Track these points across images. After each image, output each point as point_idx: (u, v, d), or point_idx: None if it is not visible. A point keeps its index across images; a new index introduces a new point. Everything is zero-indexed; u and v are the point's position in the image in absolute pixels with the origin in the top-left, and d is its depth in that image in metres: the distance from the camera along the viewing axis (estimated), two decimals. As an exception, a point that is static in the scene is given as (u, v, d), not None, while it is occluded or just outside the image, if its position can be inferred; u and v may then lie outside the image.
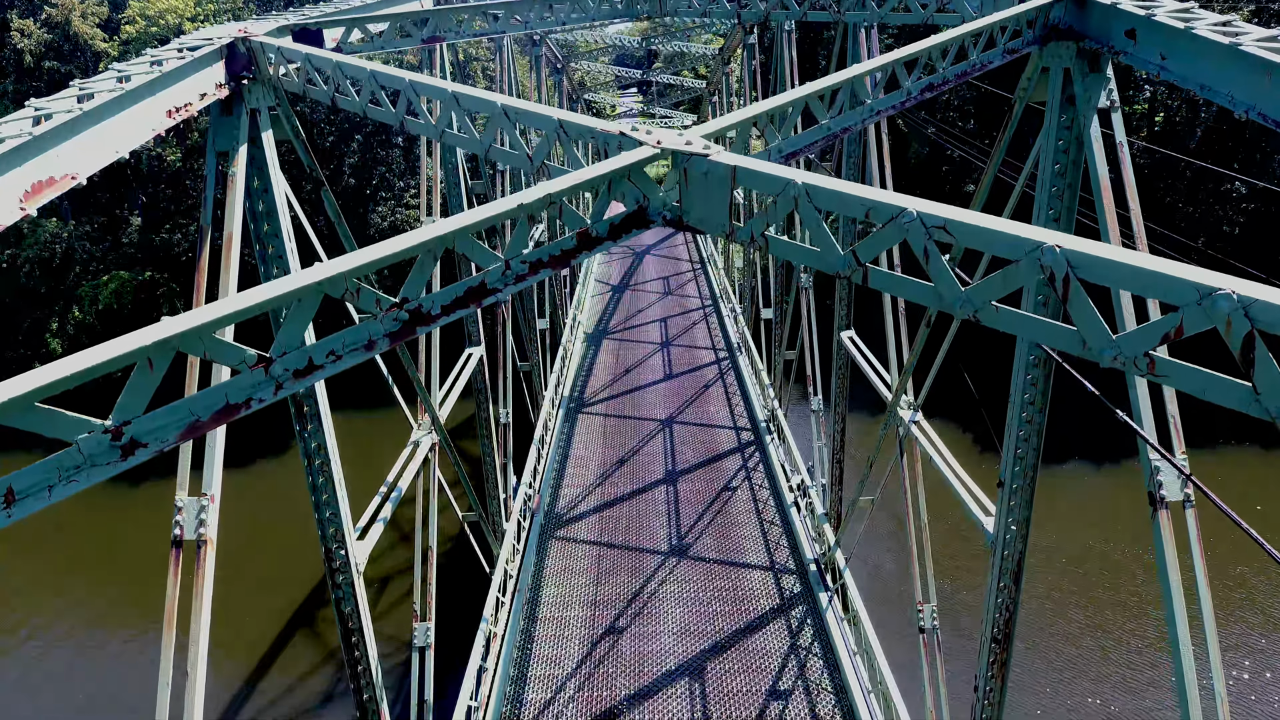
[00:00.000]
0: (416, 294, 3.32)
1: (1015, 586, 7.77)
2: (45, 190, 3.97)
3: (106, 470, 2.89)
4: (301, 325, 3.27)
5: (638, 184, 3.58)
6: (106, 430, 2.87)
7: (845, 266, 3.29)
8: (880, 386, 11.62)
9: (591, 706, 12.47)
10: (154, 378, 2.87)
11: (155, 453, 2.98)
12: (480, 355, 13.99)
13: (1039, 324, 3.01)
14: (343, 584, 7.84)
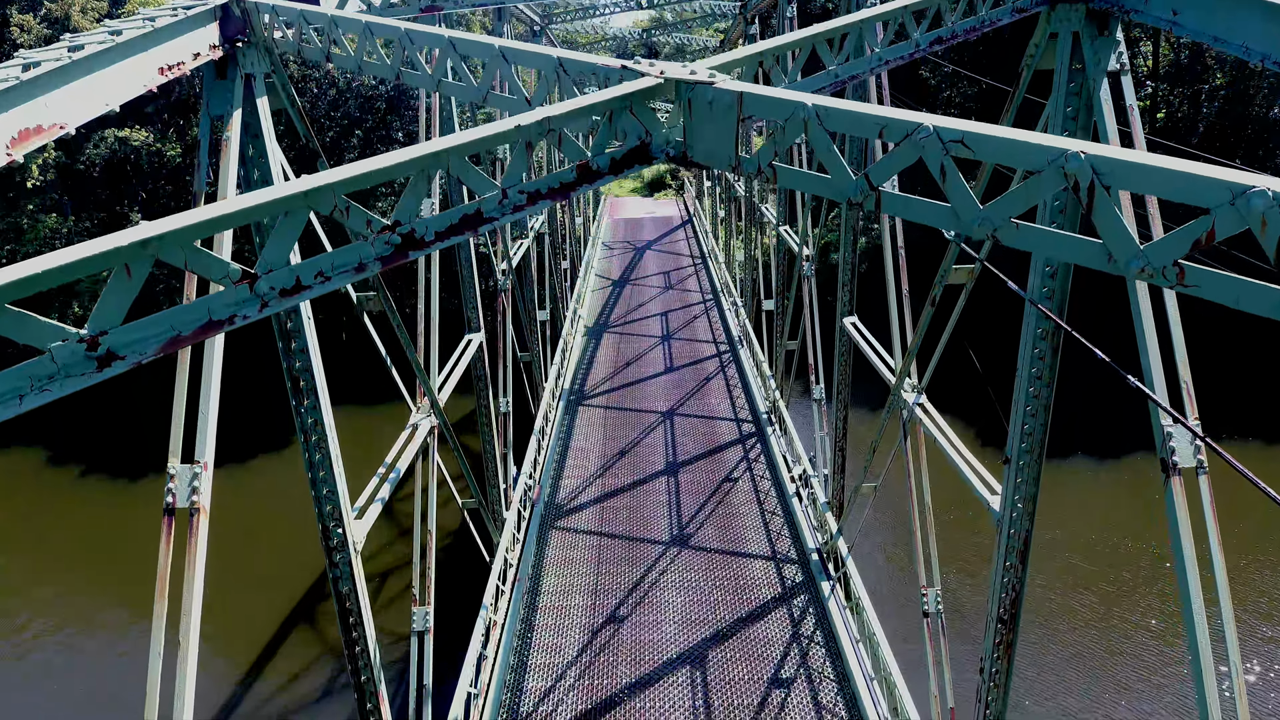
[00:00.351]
0: (409, 217, 3.21)
1: (1022, 566, 7.66)
2: (32, 138, 3.87)
3: (81, 381, 2.78)
4: (288, 242, 3.16)
5: (640, 118, 3.47)
6: (82, 339, 2.76)
7: (857, 192, 3.18)
8: (883, 370, 11.52)
9: (592, 694, 12.36)
10: (132, 286, 2.76)
11: (133, 364, 2.87)
12: (480, 342, 13.89)
13: (1062, 239, 2.90)
14: (340, 563, 7.74)
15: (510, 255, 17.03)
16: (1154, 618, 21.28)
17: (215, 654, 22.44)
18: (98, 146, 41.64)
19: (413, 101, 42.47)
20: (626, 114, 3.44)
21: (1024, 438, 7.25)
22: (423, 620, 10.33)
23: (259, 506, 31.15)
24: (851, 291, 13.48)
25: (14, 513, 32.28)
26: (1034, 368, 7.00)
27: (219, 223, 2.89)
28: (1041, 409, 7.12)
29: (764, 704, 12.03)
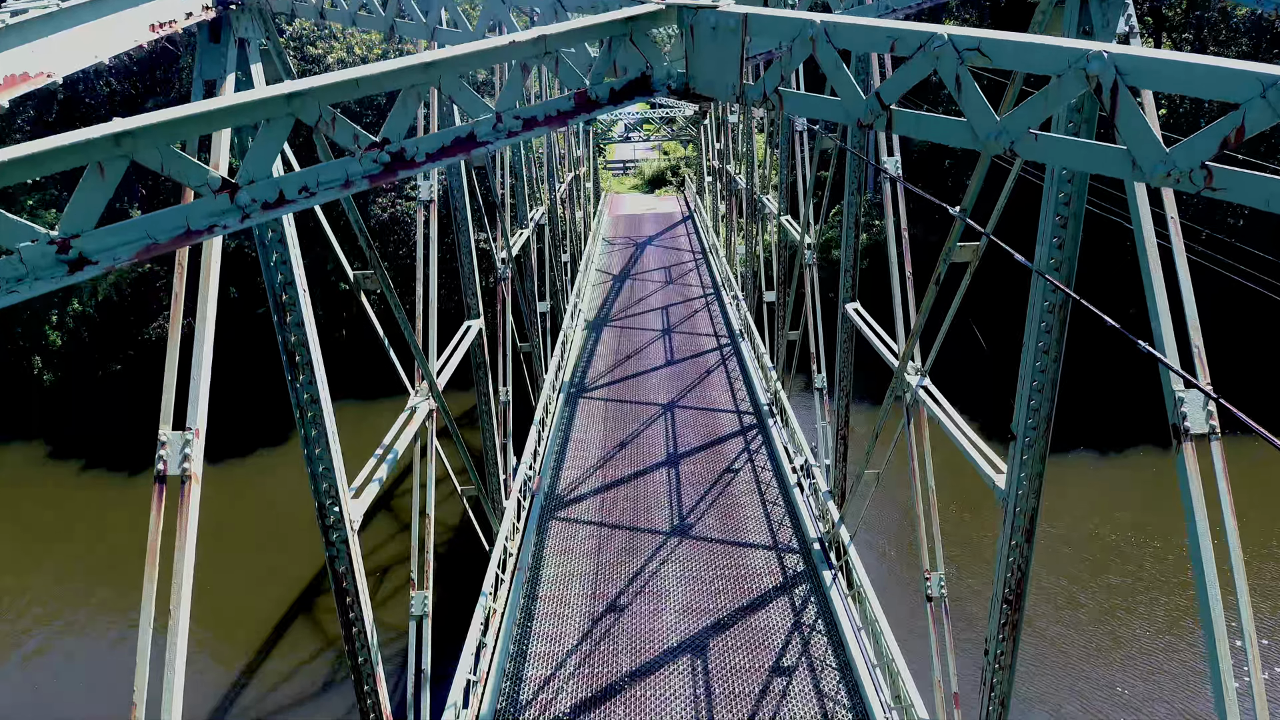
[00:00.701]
0: (399, 135, 3.09)
1: (1027, 545, 7.56)
2: (18, 85, 3.76)
3: (51, 284, 2.67)
4: (271, 151, 3.05)
5: (640, 48, 3.37)
6: (52, 241, 2.65)
7: (866, 113, 3.07)
8: (886, 354, 11.42)
9: (593, 682, 12.27)
10: (105, 187, 2.65)
11: (105, 270, 2.77)
12: (479, 328, 13.79)
13: (1082, 148, 2.78)
14: (336, 542, 7.63)
15: (510, 244, 16.93)
16: (1159, 611, 21.18)
17: (215, 647, 22.37)
18: (97, 142, 41.62)
19: (413, 97, 42.36)
20: (627, 43, 3.33)
21: (1030, 414, 7.14)
22: (421, 605, 10.23)
23: (259, 500, 31.08)
24: (854, 277, 13.37)
25: (14, 508, 32.21)
26: (1041, 341, 6.90)
27: (199, 122, 2.76)
28: (1048, 384, 7.02)
29: (766, 692, 11.93)
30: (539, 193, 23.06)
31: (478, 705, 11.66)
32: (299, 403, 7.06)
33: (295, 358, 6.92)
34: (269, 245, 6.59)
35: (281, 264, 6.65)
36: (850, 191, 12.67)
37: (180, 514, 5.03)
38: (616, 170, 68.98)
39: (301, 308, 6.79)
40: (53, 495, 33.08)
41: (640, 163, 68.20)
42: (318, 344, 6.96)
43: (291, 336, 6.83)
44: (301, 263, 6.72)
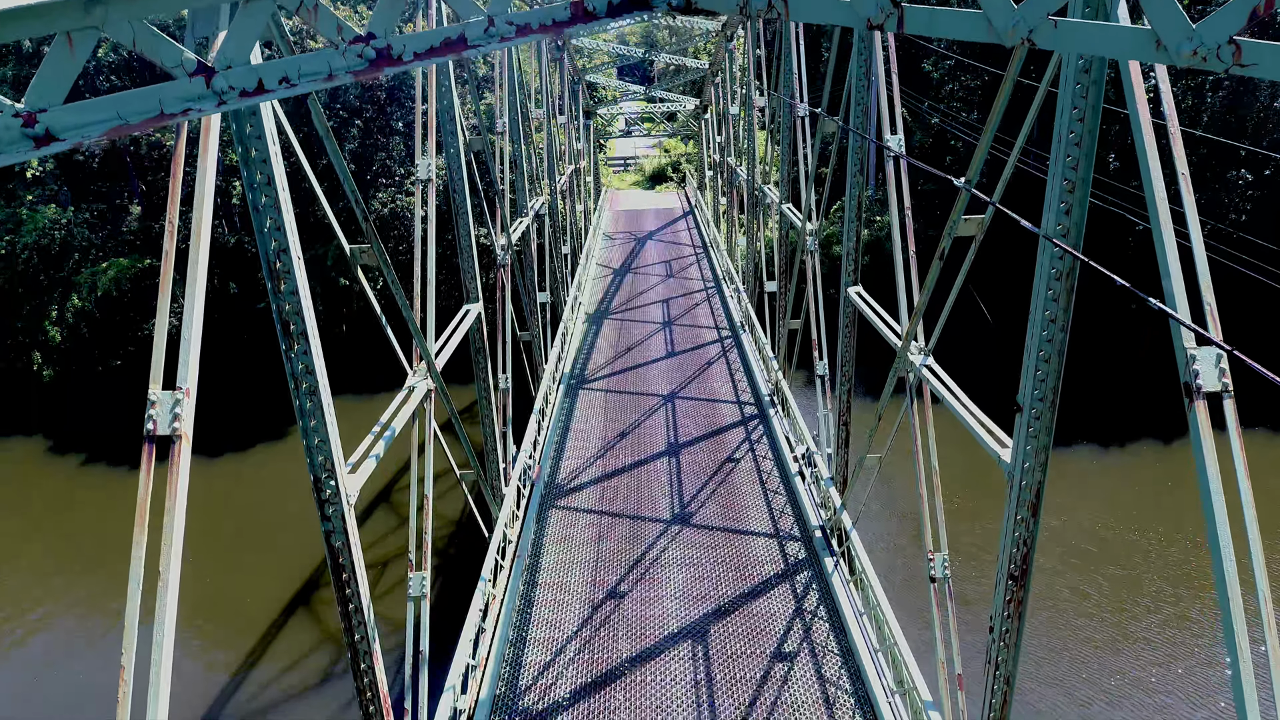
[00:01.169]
0: (386, 30, 2.97)
1: (1033, 519, 7.44)
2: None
3: (16, 156, 2.56)
4: (250, 33, 2.92)
5: (640, -39, 3.26)
6: (18, 114, 2.53)
7: (877, 11, 2.95)
8: (889, 335, 11.30)
9: (593, 668, 12.16)
10: (74, 62, 2.54)
11: (72, 146, 2.66)
12: (479, 312, 13.67)
13: (1104, 32, 2.66)
14: (332, 516, 7.53)
15: (510, 232, 16.82)
16: (1165, 602, 21.05)
17: (211, 640, 22.27)
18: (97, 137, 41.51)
19: (412, 92, 42.29)
20: (626, -48, 3.21)
21: (1036, 385, 7.03)
22: (419, 585, 10.13)
23: (258, 493, 31.02)
24: (856, 260, 13.25)
25: (15, 501, 32.17)
26: (1048, 310, 6.79)
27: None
28: (1055, 355, 6.90)
29: (767, 677, 11.82)
30: (539, 183, 22.97)
31: (476, 690, 11.56)
32: (293, 373, 6.95)
33: (290, 326, 6.81)
34: (263, 211, 6.49)
35: (276, 230, 6.54)
36: (852, 173, 12.55)
37: (170, 473, 4.93)
38: (617, 167, 68.90)
39: (296, 275, 6.68)
40: (52, 490, 33.03)
41: (641, 159, 68.12)
42: (313, 313, 6.86)
43: (286, 305, 6.72)
44: (296, 230, 6.61)
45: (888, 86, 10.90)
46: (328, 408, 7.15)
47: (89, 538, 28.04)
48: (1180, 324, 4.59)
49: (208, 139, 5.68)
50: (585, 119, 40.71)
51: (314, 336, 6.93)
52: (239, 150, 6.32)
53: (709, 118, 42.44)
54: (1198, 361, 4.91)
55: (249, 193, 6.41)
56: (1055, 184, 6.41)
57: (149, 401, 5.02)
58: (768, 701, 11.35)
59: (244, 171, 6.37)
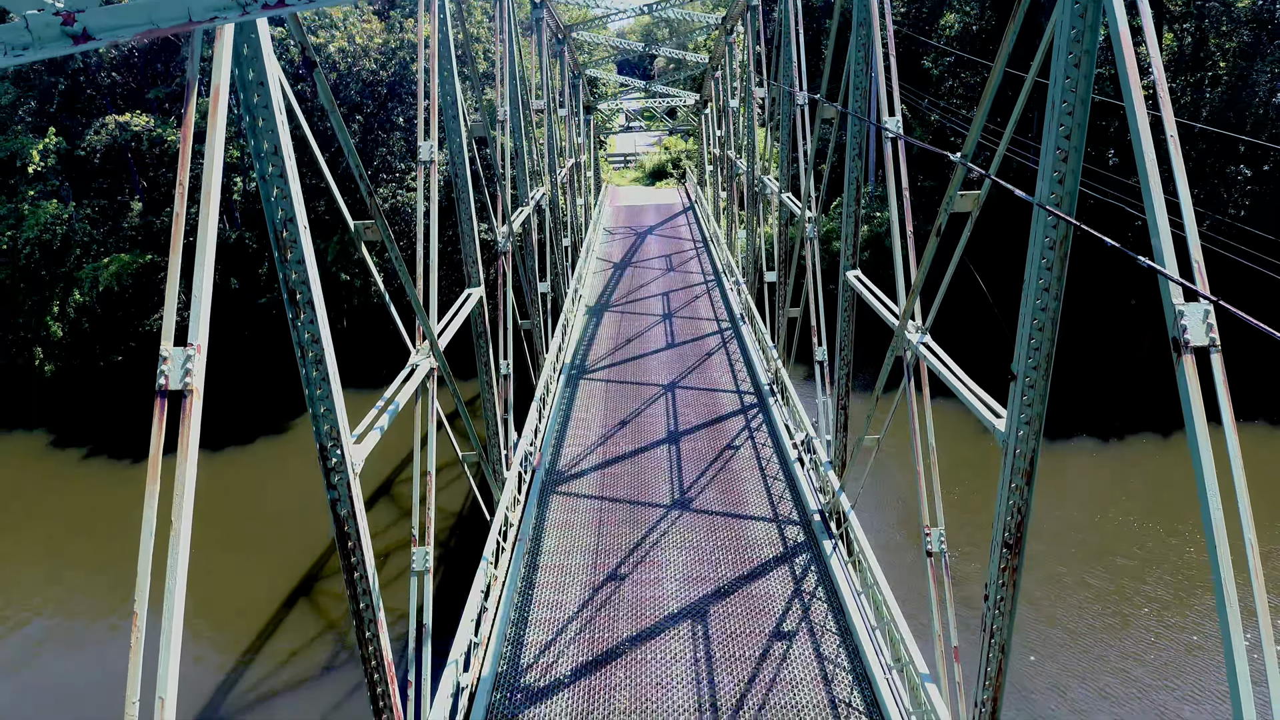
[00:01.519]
0: None
1: (1028, 487, 7.55)
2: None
3: (54, 51, 2.67)
4: None
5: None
6: (58, 13, 2.65)
7: None
8: (887, 316, 11.41)
9: (594, 646, 12.28)
10: None
11: (108, 44, 2.76)
12: (480, 296, 13.78)
13: None
14: (338, 484, 7.64)
15: (511, 220, 16.93)
16: (1164, 590, 21.17)
17: (212, 630, 22.36)
18: (99, 133, 41.62)
19: (412, 87, 42.40)
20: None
21: (1031, 353, 7.14)
22: (423, 560, 10.24)
23: (260, 485, 31.18)
24: (855, 245, 13.37)
25: (16, 494, 32.32)
26: (1042, 279, 6.90)
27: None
28: (1049, 323, 7.02)
29: (766, 655, 11.94)
30: (539, 175, 23.07)
31: (479, 667, 11.67)
32: (300, 341, 7.07)
33: (296, 296, 6.93)
34: (270, 180, 6.61)
35: (282, 199, 6.66)
36: (851, 157, 12.67)
37: (182, 426, 5.05)
38: (617, 164, 69.08)
39: (302, 244, 6.79)
40: (52, 482, 33.20)
41: (641, 156, 68.29)
42: (318, 282, 6.97)
43: (292, 274, 6.84)
44: (302, 198, 6.73)
45: (886, 70, 11.03)
46: (333, 377, 7.27)
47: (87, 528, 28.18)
48: (1168, 279, 4.70)
49: (222, 69, 5.77)
50: (585, 114, 40.84)
51: (320, 306, 7.04)
52: (246, 120, 6.44)
53: (709, 113, 42.57)
54: (1185, 317, 5.03)
55: (256, 163, 6.53)
56: (1049, 153, 6.53)
57: (161, 358, 5.14)
58: (767, 678, 11.47)
59: (251, 141, 6.49)
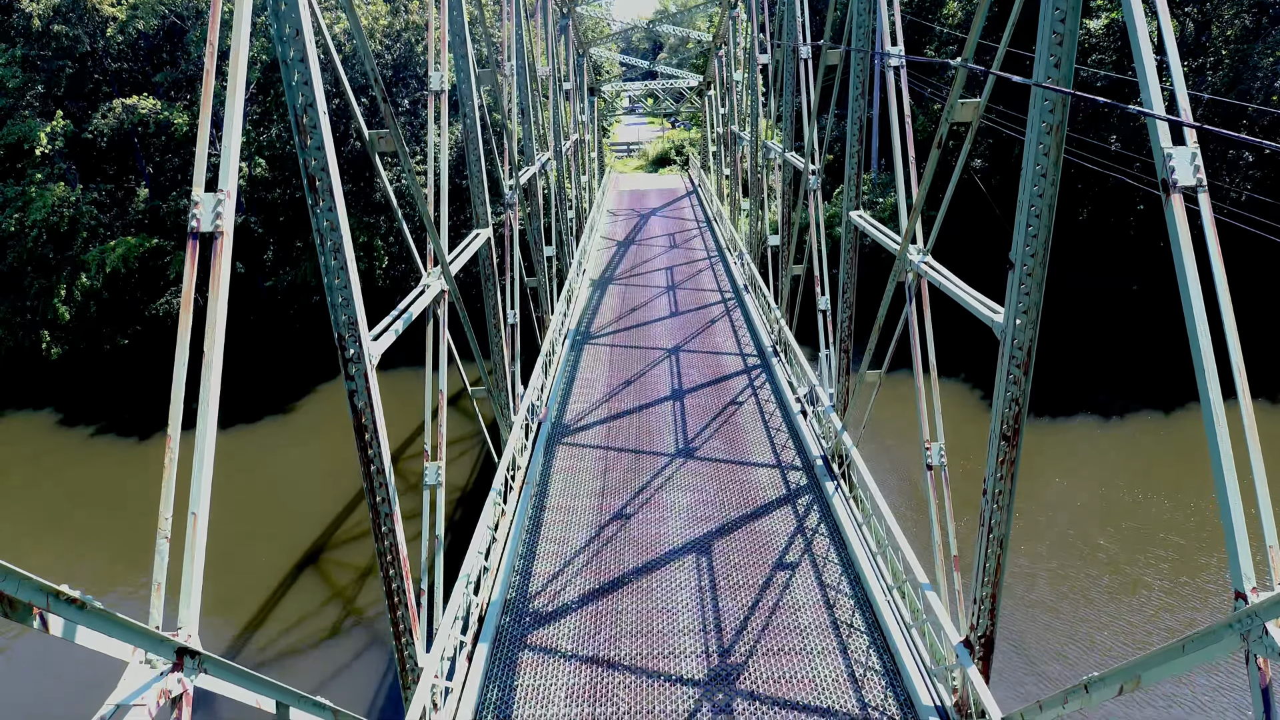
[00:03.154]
0: None
1: (1025, 378, 7.76)
2: None
3: None
4: None
5: None
6: None
7: None
8: (889, 244, 11.62)
9: (600, 576, 12.51)
10: None
11: None
12: (488, 237, 14.00)
13: None
14: (355, 375, 7.87)
15: (518, 174, 17.15)
16: (1165, 562, 21.35)
17: (224, 604, 22.47)
18: (105, 116, 41.93)
19: (417, 71, 42.70)
20: None
21: (1028, 240, 7.35)
22: (434, 475, 10.46)
23: (264, 464, 31.44)
24: (857, 186, 13.59)
25: (21, 472, 32.58)
26: (1039, 165, 7.11)
27: None
28: (1046, 209, 7.23)
29: (769, 584, 12.16)
30: (544, 140, 23.29)
31: (488, 592, 11.90)
32: (319, 228, 7.29)
33: (315, 182, 7.15)
34: (291, 65, 6.84)
35: (303, 85, 6.89)
36: (854, 96, 12.89)
37: (214, 267, 5.28)
38: (620, 153, 69.39)
39: (321, 130, 7.02)
40: (60, 459, 33.48)
41: (644, 144, 68.60)
42: (337, 170, 7.19)
43: (312, 160, 7.06)
44: (322, 86, 6.96)
45: (888, 2, 11.26)
46: (350, 267, 7.49)
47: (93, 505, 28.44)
48: (1155, 119, 4.92)
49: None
50: (590, 95, 41.10)
51: (338, 195, 7.27)
52: (270, 4, 6.67)
53: (712, 94, 42.82)
54: (1174, 159, 5.25)
55: (279, 46, 6.76)
56: (1044, 37, 6.74)
57: (192, 203, 5.37)
58: (769, 603, 11.68)
59: (274, 25, 6.72)
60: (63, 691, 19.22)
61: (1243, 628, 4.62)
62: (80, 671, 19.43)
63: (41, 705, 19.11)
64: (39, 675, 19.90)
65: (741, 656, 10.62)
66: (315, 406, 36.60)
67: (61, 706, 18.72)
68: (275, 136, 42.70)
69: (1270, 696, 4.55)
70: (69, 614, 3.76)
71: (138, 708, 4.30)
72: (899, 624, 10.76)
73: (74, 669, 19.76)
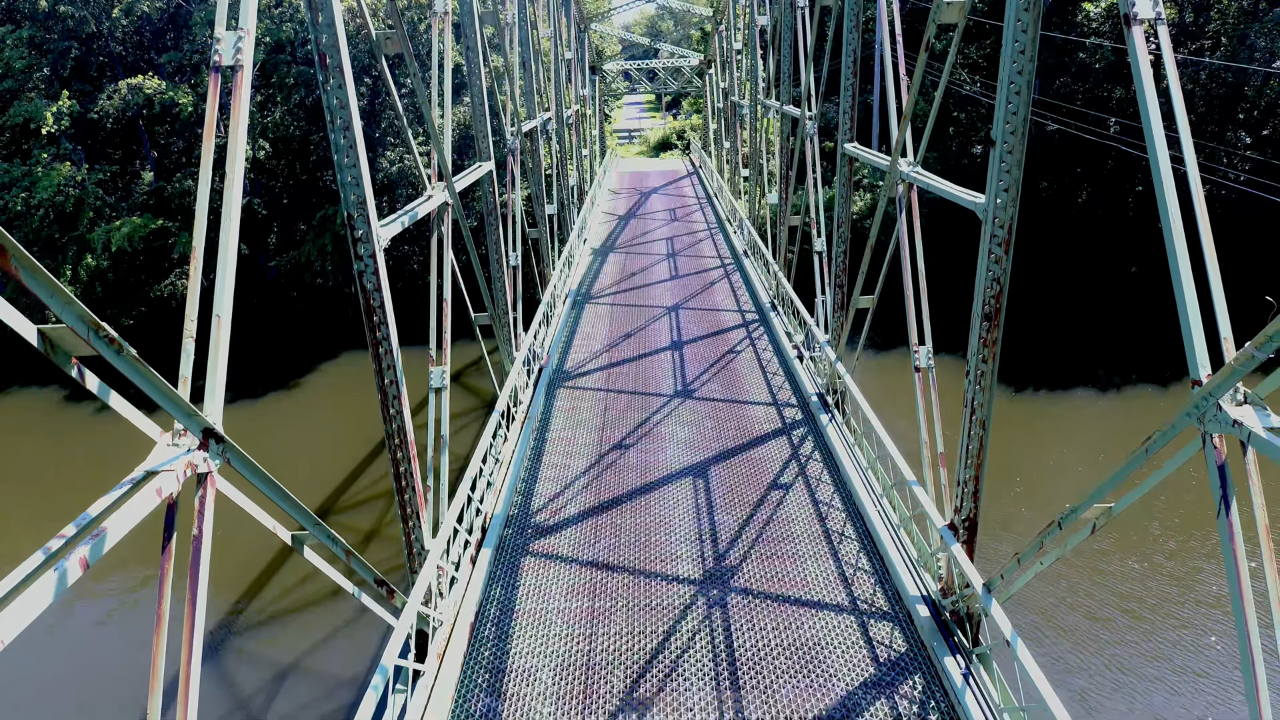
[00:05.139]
0: None
1: (1006, 256, 8.08)
2: None
3: None
4: None
5: None
6: None
7: None
8: (881, 161, 11.95)
9: (599, 496, 12.84)
10: None
11: None
12: (490, 170, 14.32)
13: None
14: (365, 256, 8.21)
15: (520, 122, 17.48)
16: (1154, 526, 21.67)
17: (229, 564, 22.64)
18: (111, 98, 42.34)
19: (423, 50, 43.05)
20: None
21: (1009, 117, 7.68)
22: (440, 378, 10.79)
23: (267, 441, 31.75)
24: (852, 119, 13.92)
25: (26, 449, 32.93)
26: (1017, 42, 7.43)
27: None
28: (1025, 86, 7.55)
29: (763, 501, 12.49)
30: (545, 94, 23.58)
31: (492, 505, 12.23)
32: (328, 106, 7.62)
33: (326, 60, 7.47)
34: (305, -56, 7.18)
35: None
36: (848, 30, 13.22)
37: (234, 96, 5.61)
38: (622, 139, 69.82)
39: (332, 7, 7.35)
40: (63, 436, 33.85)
41: (645, 131, 69.04)
42: (346, 48, 7.52)
43: (323, 36, 7.38)
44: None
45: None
46: (359, 147, 7.82)
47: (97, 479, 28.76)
48: (1119, -48, 5.24)
49: None
50: (591, 73, 41.45)
51: (348, 73, 7.59)
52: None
53: (713, 73, 43.18)
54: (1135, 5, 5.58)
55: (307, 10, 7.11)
56: (1022, -85, 7.08)
57: (214, 40, 5.71)
58: (763, 517, 12.01)
59: None
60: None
61: (1199, 411, 4.95)
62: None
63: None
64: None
65: (735, 560, 10.95)
66: (319, 382, 37.00)
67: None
68: (279, 119, 43.12)
69: (1226, 473, 4.87)
70: (106, 356, 4.06)
71: (166, 473, 4.63)
72: (888, 529, 11.08)
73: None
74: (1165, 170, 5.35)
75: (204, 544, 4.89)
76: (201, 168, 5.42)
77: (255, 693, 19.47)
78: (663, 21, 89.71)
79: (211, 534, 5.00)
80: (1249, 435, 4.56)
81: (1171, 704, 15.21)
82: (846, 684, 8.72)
